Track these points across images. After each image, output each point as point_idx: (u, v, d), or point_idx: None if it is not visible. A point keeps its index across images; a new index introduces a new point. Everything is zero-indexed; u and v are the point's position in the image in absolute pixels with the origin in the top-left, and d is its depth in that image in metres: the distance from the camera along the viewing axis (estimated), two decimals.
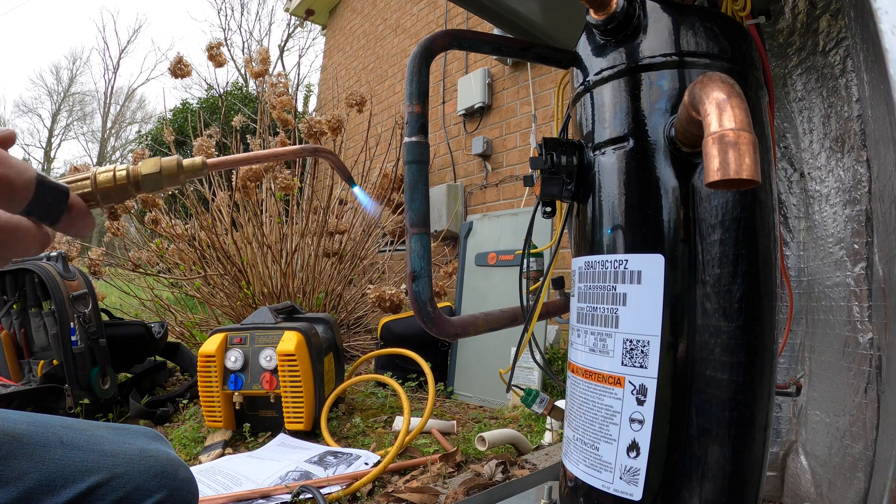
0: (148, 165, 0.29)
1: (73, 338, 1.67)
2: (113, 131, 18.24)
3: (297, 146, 0.38)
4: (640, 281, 0.47)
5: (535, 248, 1.54)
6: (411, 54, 0.55)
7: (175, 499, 0.48)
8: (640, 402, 0.46)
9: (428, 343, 2.07)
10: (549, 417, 1.12)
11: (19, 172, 0.30)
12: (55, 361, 1.69)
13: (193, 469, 1.31)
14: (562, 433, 0.61)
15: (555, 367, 2.09)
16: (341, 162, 0.41)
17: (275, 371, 1.52)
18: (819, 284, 0.73)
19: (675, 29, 0.48)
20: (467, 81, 3.29)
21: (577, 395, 0.52)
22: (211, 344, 1.55)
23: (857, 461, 0.65)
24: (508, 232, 2.16)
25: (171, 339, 2.33)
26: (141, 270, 2.75)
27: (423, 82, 0.54)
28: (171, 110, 6.81)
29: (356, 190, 0.54)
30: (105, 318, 1.97)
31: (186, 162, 0.30)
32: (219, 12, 18.75)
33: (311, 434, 1.55)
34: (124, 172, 0.29)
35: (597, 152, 0.51)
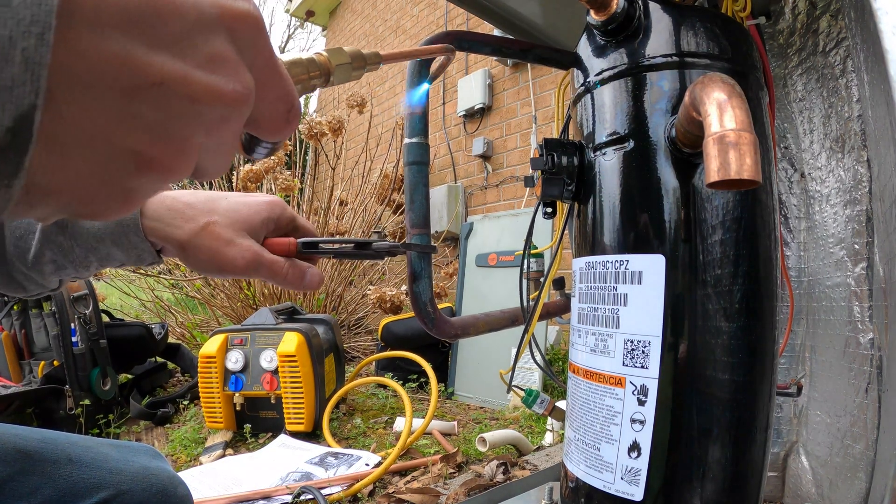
0: (336, 55, 0.26)
1: (74, 339, 1.67)
2: None
3: (437, 45, 0.39)
4: (641, 281, 0.47)
5: (536, 248, 1.54)
6: None
7: None
8: (641, 403, 0.46)
9: (429, 344, 2.07)
10: (549, 418, 1.12)
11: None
12: (56, 362, 1.69)
13: (194, 470, 1.31)
14: (562, 434, 0.61)
15: (555, 368, 2.09)
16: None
17: (275, 372, 1.52)
18: (820, 285, 0.73)
19: (675, 29, 0.48)
20: (468, 82, 3.30)
21: (578, 395, 0.52)
22: (211, 345, 1.55)
23: (858, 461, 0.65)
24: (509, 233, 2.16)
25: (171, 340, 2.33)
26: (141, 271, 2.75)
27: (423, 83, 0.54)
28: None
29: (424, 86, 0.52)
30: (106, 318, 1.97)
31: (366, 52, 0.28)
32: None
33: (312, 435, 1.55)
34: (313, 61, 0.25)
35: (597, 153, 0.51)
